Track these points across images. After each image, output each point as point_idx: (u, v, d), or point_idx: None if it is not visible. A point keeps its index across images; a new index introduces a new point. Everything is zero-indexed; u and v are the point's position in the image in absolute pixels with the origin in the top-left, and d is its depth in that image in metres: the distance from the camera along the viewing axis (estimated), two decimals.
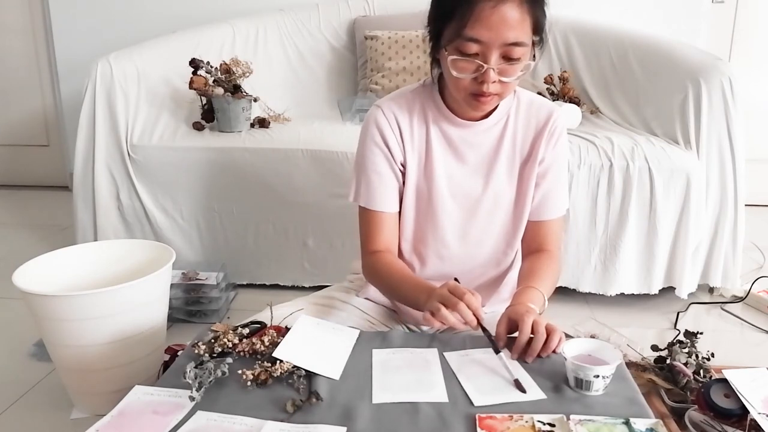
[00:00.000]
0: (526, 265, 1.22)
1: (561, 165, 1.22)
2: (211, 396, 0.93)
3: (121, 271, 1.55)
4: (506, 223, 1.23)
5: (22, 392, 1.56)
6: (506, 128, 1.18)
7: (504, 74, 1.02)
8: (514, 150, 1.19)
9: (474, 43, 0.99)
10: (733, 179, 1.97)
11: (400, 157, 1.18)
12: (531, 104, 1.19)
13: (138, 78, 2.17)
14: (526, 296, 1.10)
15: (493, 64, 1.00)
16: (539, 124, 1.18)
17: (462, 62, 1.02)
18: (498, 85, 1.03)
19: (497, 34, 0.98)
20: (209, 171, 2.08)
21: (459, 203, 1.20)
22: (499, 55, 1.01)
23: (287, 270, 2.15)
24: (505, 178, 1.20)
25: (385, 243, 1.20)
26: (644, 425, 0.85)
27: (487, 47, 0.99)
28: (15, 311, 1.96)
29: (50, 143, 3.43)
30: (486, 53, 1.00)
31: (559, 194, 1.22)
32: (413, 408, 0.90)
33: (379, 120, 1.17)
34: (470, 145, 1.18)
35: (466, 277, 1.25)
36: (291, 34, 2.70)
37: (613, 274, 1.99)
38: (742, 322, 1.96)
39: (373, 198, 1.18)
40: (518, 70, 1.03)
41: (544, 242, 1.23)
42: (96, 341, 1.35)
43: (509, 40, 0.99)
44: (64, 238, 2.64)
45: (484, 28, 0.98)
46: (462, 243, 1.22)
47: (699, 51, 2.10)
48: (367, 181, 1.19)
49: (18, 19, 3.26)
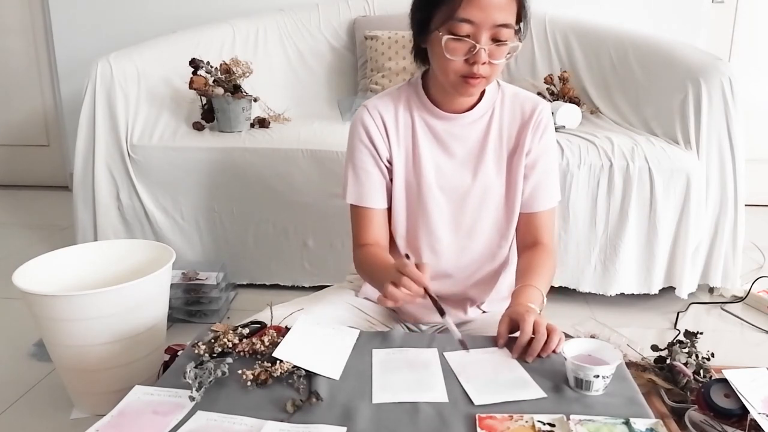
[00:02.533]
0: (523, 261, 1.23)
1: (550, 156, 1.23)
2: (211, 396, 0.93)
3: (121, 271, 1.54)
4: (498, 216, 1.24)
5: (22, 392, 1.56)
6: (492, 121, 1.20)
7: (493, 56, 1.07)
8: (501, 142, 1.21)
9: (466, 24, 1.04)
10: (733, 179, 1.97)
11: (386, 154, 1.21)
12: (516, 97, 1.22)
13: (138, 78, 2.16)
14: (525, 295, 1.10)
15: (483, 44, 1.05)
16: (525, 116, 1.20)
17: (454, 43, 1.06)
18: (487, 67, 1.07)
19: (488, 15, 1.03)
20: (209, 171, 2.08)
21: (448, 196, 1.22)
22: (489, 36, 1.05)
23: (287, 270, 2.15)
24: (494, 170, 1.21)
25: (374, 237, 1.23)
26: (644, 425, 0.85)
27: (478, 28, 1.04)
28: (15, 311, 1.96)
29: (50, 143, 3.44)
30: (477, 34, 1.05)
31: (549, 186, 1.24)
32: (413, 408, 0.90)
33: (364, 119, 1.21)
34: (456, 138, 1.20)
35: (462, 273, 1.26)
36: (291, 34, 2.70)
37: (613, 274, 1.99)
38: (742, 322, 1.96)
39: (361, 195, 1.23)
40: (505, 53, 1.08)
41: (539, 234, 1.24)
42: (96, 341, 1.35)
43: (498, 21, 1.04)
44: (64, 238, 2.64)
45: (476, 9, 1.03)
46: (454, 235, 1.23)
47: (699, 51, 2.10)
48: (355, 178, 1.23)
49: (18, 19, 3.27)
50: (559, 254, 1.99)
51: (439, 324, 1.30)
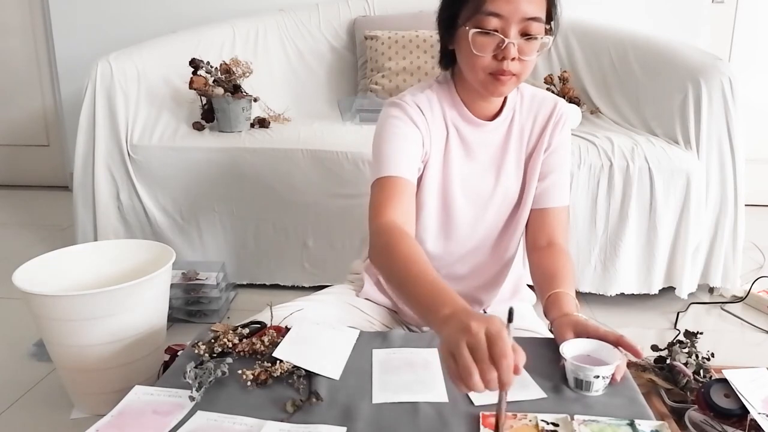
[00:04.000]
0: (547, 263, 1.15)
1: (566, 152, 1.21)
2: (211, 396, 0.92)
3: (121, 271, 1.54)
4: (509, 216, 1.22)
5: (22, 392, 1.56)
6: (513, 124, 1.19)
7: (522, 52, 1.03)
8: (521, 144, 1.19)
9: (494, 17, 1.00)
10: (733, 179, 1.97)
11: (427, 142, 1.13)
12: (534, 97, 1.20)
13: (138, 78, 2.16)
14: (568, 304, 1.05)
15: (512, 38, 1.01)
16: (545, 116, 1.18)
17: (482, 37, 1.02)
18: (517, 63, 1.03)
19: (516, 7, 0.99)
20: (209, 171, 2.08)
21: (471, 201, 1.19)
22: (518, 31, 1.01)
23: (287, 270, 2.15)
24: (514, 173, 1.20)
25: (402, 214, 1.06)
26: (649, 427, 0.84)
27: (507, 22, 1.00)
28: (15, 311, 1.96)
29: (50, 143, 3.43)
30: (505, 28, 1.01)
31: (564, 182, 1.22)
32: (413, 408, 0.90)
33: (406, 109, 1.12)
34: (481, 144, 1.18)
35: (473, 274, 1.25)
36: (291, 34, 2.70)
37: (613, 274, 1.99)
38: (742, 322, 1.96)
39: (390, 162, 1.08)
40: (535, 49, 1.04)
41: (554, 234, 1.19)
42: (96, 341, 1.35)
43: (528, 14, 1.00)
44: (64, 238, 2.64)
45: (504, 2, 0.99)
46: (471, 240, 1.22)
47: (699, 51, 2.10)
48: (387, 148, 1.10)
49: (18, 19, 3.26)
50: None
51: None
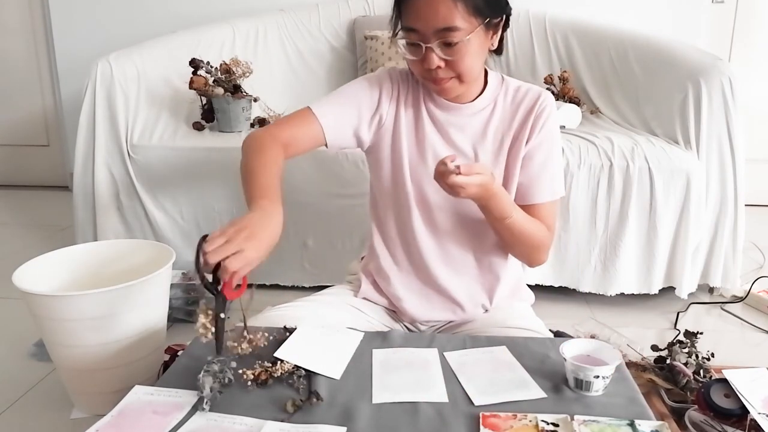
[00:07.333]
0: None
1: (551, 147, 1.21)
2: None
3: (121, 271, 1.54)
4: None
5: (22, 392, 1.56)
6: (493, 113, 1.21)
7: (449, 55, 1.08)
8: (502, 134, 1.20)
9: (412, 32, 1.08)
10: (733, 179, 1.97)
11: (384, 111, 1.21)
12: (518, 90, 1.22)
13: (138, 78, 2.16)
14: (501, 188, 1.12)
15: (433, 46, 1.07)
16: (527, 108, 1.20)
17: (409, 46, 1.11)
18: (448, 69, 1.09)
19: (426, 22, 1.06)
20: (209, 171, 2.08)
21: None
22: (438, 41, 1.07)
23: (287, 270, 2.15)
24: (492, 161, 1.21)
25: (288, 137, 1.19)
26: (649, 427, 0.85)
27: (423, 35, 1.07)
28: (15, 311, 1.96)
29: (50, 143, 3.44)
30: (424, 39, 1.08)
31: (549, 177, 1.21)
32: (413, 408, 0.90)
33: (381, 74, 1.25)
34: (457, 128, 1.21)
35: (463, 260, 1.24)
36: (291, 34, 2.70)
37: (613, 274, 1.99)
38: (742, 322, 1.96)
39: (325, 107, 1.20)
40: (464, 51, 1.07)
41: None
42: (96, 341, 1.35)
43: (439, 26, 1.05)
44: (64, 238, 2.64)
45: (415, 18, 1.07)
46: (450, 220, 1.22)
47: (699, 51, 2.10)
48: (335, 98, 1.23)
49: (18, 19, 3.27)
50: (559, 254, 1.99)
51: (439, 324, 1.30)
